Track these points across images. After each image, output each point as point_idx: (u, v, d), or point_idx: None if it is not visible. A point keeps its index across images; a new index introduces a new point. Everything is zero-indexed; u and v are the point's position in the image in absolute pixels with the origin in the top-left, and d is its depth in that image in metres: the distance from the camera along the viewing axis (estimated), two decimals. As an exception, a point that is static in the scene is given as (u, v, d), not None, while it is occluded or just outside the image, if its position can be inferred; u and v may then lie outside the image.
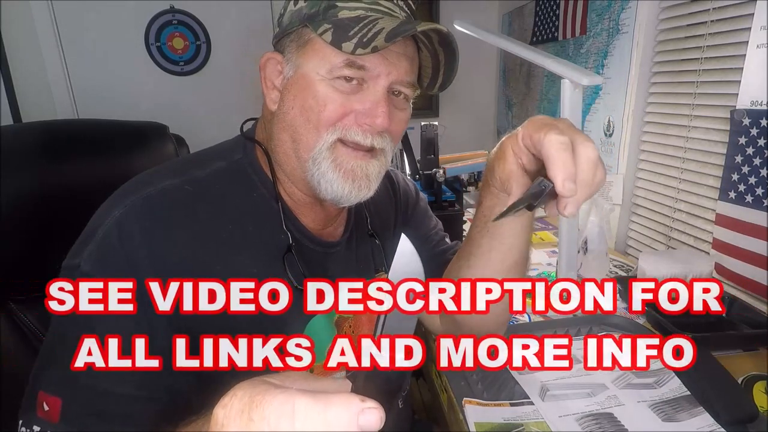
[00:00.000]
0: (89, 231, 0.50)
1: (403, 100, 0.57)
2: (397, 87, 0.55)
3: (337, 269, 0.64)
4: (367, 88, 0.53)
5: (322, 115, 0.53)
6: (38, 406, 0.45)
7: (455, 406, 0.73)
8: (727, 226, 1.08)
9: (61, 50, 2.16)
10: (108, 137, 0.83)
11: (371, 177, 0.56)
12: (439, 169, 1.29)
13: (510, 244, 0.60)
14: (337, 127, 0.53)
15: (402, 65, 0.53)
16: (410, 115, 0.60)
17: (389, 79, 0.53)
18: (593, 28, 1.59)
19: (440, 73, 0.58)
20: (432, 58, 0.57)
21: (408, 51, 0.54)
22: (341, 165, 0.54)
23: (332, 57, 0.52)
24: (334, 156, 0.54)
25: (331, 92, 0.53)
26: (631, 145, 1.43)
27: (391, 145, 0.58)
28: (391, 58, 0.52)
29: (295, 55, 0.54)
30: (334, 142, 0.54)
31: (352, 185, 0.55)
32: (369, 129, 0.54)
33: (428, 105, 2.64)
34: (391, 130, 0.56)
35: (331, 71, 0.52)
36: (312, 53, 0.53)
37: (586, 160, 0.43)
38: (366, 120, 0.53)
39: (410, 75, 0.55)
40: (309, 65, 0.53)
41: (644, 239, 1.42)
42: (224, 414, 0.26)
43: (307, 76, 0.53)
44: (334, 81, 0.52)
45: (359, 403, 0.23)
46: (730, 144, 1.06)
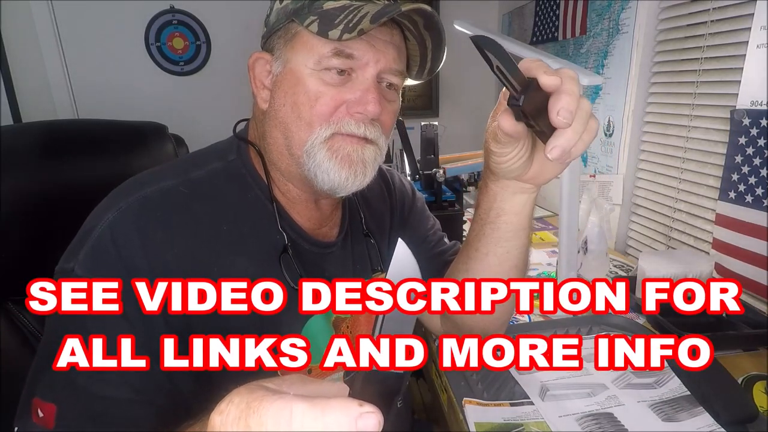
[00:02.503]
0: (83, 234, 0.50)
1: (392, 91, 0.57)
2: (386, 76, 0.55)
3: (334, 270, 0.63)
4: (356, 77, 0.53)
5: (314, 110, 0.53)
6: (33, 412, 0.45)
7: (455, 406, 0.73)
8: (727, 226, 1.08)
9: (61, 50, 2.16)
10: (107, 137, 0.83)
11: (367, 162, 0.56)
12: (439, 169, 1.29)
13: (508, 248, 0.60)
14: (330, 123, 0.53)
15: (389, 53, 0.54)
16: (400, 106, 0.60)
17: (378, 67, 0.53)
18: (593, 28, 1.59)
19: (428, 58, 0.58)
20: (419, 46, 0.57)
21: (395, 39, 0.54)
22: (337, 152, 0.54)
23: (320, 47, 0.52)
24: (329, 145, 0.54)
25: (321, 86, 0.53)
26: (631, 145, 1.43)
27: (384, 138, 0.57)
28: (379, 45, 0.53)
29: (283, 51, 0.54)
30: (330, 135, 0.54)
31: (348, 171, 0.55)
32: (361, 117, 0.53)
33: (428, 105, 2.63)
34: (382, 120, 0.56)
35: (320, 62, 0.52)
36: (300, 46, 0.53)
37: (582, 106, 0.43)
38: (357, 108, 0.53)
39: (398, 63, 0.55)
40: (297, 58, 0.53)
41: (644, 239, 1.41)
42: (221, 420, 0.26)
43: (296, 70, 0.53)
44: (323, 73, 0.52)
45: (357, 408, 0.23)
46: (730, 144, 1.06)
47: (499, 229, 0.59)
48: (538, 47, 1.94)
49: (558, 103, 0.41)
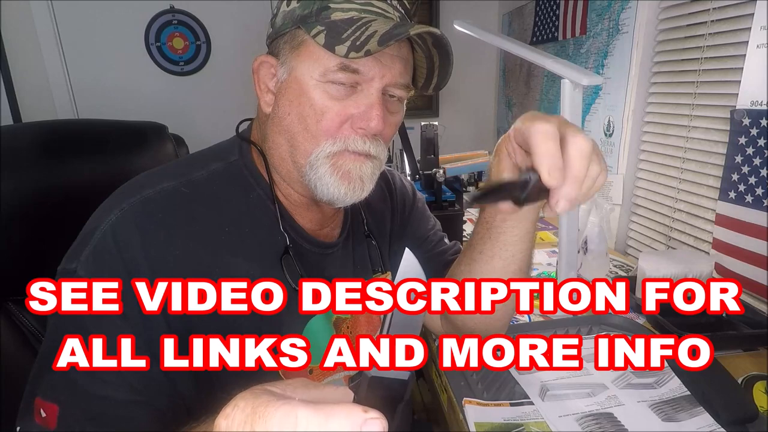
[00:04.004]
0: (85, 235, 0.50)
1: (396, 103, 0.57)
2: (391, 90, 0.55)
3: (334, 270, 0.63)
4: (361, 90, 0.53)
5: (321, 125, 0.53)
6: (35, 413, 0.45)
7: (455, 406, 0.73)
8: (727, 226, 1.08)
9: (61, 50, 2.16)
10: (108, 137, 0.83)
11: (365, 178, 0.56)
12: (439, 169, 1.29)
13: (513, 252, 0.60)
14: (337, 139, 0.53)
15: (396, 67, 0.53)
16: (403, 116, 0.60)
17: (383, 82, 0.53)
18: (593, 28, 1.59)
19: (435, 74, 0.59)
20: (427, 59, 0.57)
21: (402, 52, 0.54)
22: (339, 168, 0.54)
23: (326, 60, 0.51)
24: (333, 161, 0.54)
25: (327, 100, 0.52)
26: (631, 145, 1.43)
27: (385, 151, 0.58)
28: (385, 60, 0.52)
29: (288, 57, 0.54)
30: (336, 152, 0.54)
31: (347, 187, 0.55)
32: (363, 132, 0.54)
33: (428, 105, 2.63)
34: (384, 133, 0.56)
35: (325, 74, 0.52)
36: (306, 55, 0.53)
37: (577, 150, 0.43)
38: (361, 123, 0.53)
39: (404, 77, 0.55)
40: (303, 68, 0.53)
41: (644, 239, 1.41)
42: (227, 424, 0.26)
43: (301, 80, 0.53)
44: (328, 86, 0.52)
45: (362, 414, 0.23)
46: (730, 144, 1.06)
47: (505, 233, 0.59)
48: (538, 47, 1.94)
49: (556, 194, 0.43)
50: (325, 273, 0.62)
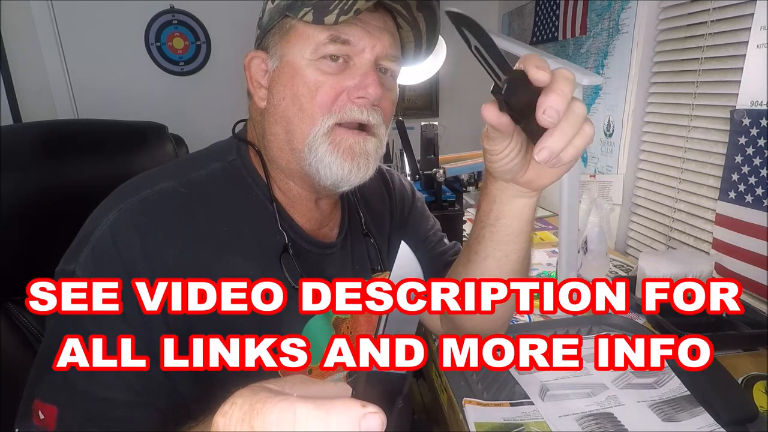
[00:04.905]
0: (83, 235, 0.50)
1: (390, 78, 0.57)
2: (383, 62, 0.55)
3: (334, 270, 0.63)
4: (354, 64, 0.53)
5: (315, 100, 0.53)
6: (34, 414, 0.45)
7: (455, 406, 0.73)
8: (727, 226, 1.08)
9: (61, 50, 2.16)
10: (107, 137, 0.83)
11: (370, 154, 0.55)
12: (439, 169, 1.29)
13: (506, 251, 0.59)
14: (332, 111, 0.53)
15: (385, 38, 0.54)
16: (398, 95, 0.60)
17: (374, 52, 0.53)
18: (593, 28, 1.59)
19: (423, 41, 0.59)
20: (413, 30, 0.57)
21: (388, 26, 0.55)
22: (339, 144, 0.54)
23: (316, 35, 0.52)
24: (331, 138, 0.54)
25: (320, 75, 0.52)
26: (631, 145, 1.43)
27: (384, 128, 0.57)
28: (374, 31, 0.53)
29: (278, 47, 0.54)
30: (332, 126, 0.53)
31: (351, 164, 0.54)
32: (363, 102, 0.53)
33: (428, 105, 2.63)
34: (382, 107, 0.56)
35: (317, 50, 0.52)
36: (296, 38, 0.53)
37: (578, 108, 0.40)
38: (358, 93, 0.53)
39: (394, 48, 0.55)
40: (293, 51, 0.53)
41: (644, 239, 1.41)
42: (225, 422, 0.26)
43: (293, 62, 0.53)
44: (320, 62, 0.52)
45: (360, 409, 0.23)
46: (730, 144, 1.06)
47: (498, 232, 0.58)
48: (538, 47, 1.94)
49: (545, 102, 0.38)
50: (324, 273, 0.62)
